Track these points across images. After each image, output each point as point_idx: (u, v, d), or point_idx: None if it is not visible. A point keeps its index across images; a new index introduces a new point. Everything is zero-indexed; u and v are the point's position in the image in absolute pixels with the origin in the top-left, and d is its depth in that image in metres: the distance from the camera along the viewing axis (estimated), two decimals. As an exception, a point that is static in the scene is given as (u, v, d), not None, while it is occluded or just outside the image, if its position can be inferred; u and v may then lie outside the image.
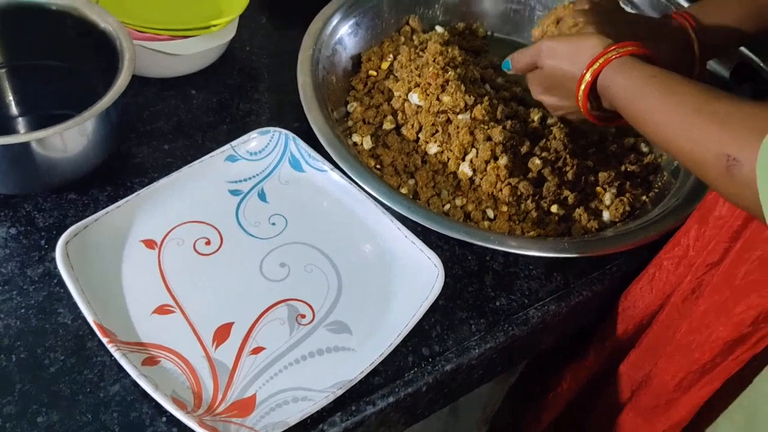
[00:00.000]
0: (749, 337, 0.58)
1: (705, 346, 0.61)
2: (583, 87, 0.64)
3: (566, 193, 0.76)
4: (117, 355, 0.56)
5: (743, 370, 0.60)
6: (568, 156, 0.77)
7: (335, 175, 0.71)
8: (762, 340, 0.58)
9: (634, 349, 0.71)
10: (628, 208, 0.76)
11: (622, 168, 0.81)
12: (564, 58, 0.65)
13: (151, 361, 0.58)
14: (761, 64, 0.87)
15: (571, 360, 0.79)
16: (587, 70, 0.63)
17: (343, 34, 0.84)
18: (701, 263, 0.63)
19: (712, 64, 0.86)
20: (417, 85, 0.78)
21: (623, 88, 0.60)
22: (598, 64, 0.62)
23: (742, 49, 0.87)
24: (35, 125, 0.73)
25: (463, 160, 0.75)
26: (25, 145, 0.60)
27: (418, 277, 0.65)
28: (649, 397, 0.68)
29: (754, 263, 0.57)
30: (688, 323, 0.63)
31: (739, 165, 0.48)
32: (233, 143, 0.72)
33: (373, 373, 0.60)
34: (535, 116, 0.80)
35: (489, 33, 0.95)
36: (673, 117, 0.54)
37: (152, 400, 0.55)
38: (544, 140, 0.79)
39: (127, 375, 0.56)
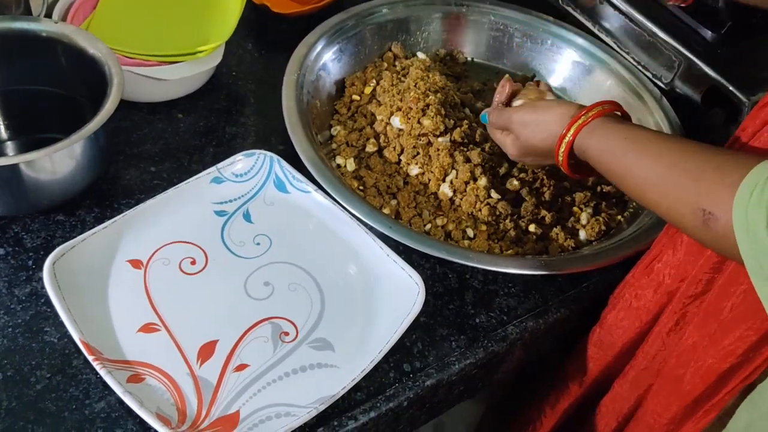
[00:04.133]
0: (741, 368, 0.59)
1: (696, 378, 0.62)
2: (562, 150, 0.65)
3: (543, 212, 0.78)
4: (102, 372, 0.57)
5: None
6: (545, 177, 0.80)
7: (319, 196, 0.73)
8: (756, 370, 0.59)
9: (617, 380, 0.72)
10: (603, 228, 0.78)
11: (598, 188, 0.83)
12: (536, 130, 0.68)
13: (136, 379, 0.59)
14: (731, 89, 0.90)
15: (551, 390, 0.80)
16: (567, 131, 0.64)
17: (326, 60, 0.87)
18: (683, 294, 0.64)
19: (684, 89, 0.89)
20: (399, 109, 0.80)
21: (599, 152, 0.62)
22: (576, 125, 0.64)
23: (713, 74, 0.90)
24: (24, 149, 0.75)
25: (444, 181, 0.77)
26: (14, 168, 0.61)
27: (400, 295, 0.66)
28: (642, 430, 0.69)
29: (740, 296, 0.58)
30: (677, 356, 0.64)
31: (715, 219, 0.50)
32: (219, 165, 0.74)
33: (356, 388, 0.61)
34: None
35: (469, 59, 0.98)
36: (649, 176, 0.56)
37: (137, 416, 0.56)
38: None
39: (113, 392, 0.57)
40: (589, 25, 0.97)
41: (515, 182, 0.78)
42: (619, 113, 0.66)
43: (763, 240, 0.45)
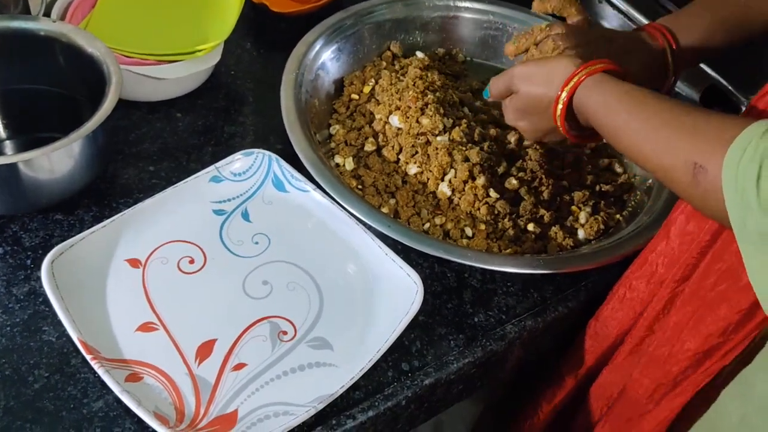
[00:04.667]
0: (718, 348, 0.60)
1: (677, 357, 0.62)
2: (560, 107, 0.65)
3: (542, 211, 0.78)
4: (100, 371, 0.57)
5: (707, 387, 0.61)
6: (543, 176, 0.80)
7: (317, 195, 0.73)
8: (731, 351, 0.60)
9: (606, 367, 0.73)
10: (602, 226, 0.78)
11: (597, 187, 0.83)
12: (538, 82, 0.67)
13: (134, 378, 0.59)
14: (730, 88, 0.90)
15: (547, 386, 0.80)
16: (562, 91, 0.64)
17: (325, 59, 0.87)
18: (671, 279, 0.65)
19: (683, 88, 0.89)
20: (397, 108, 0.80)
21: (597, 106, 0.62)
22: (572, 83, 0.64)
23: (712, 72, 0.90)
24: (23, 148, 0.75)
25: (442, 180, 0.77)
26: (13, 167, 0.61)
27: (398, 294, 0.66)
28: (623, 408, 0.69)
29: (723, 275, 0.58)
30: (660, 335, 0.65)
31: (705, 172, 0.50)
32: (217, 164, 0.74)
33: (354, 387, 0.61)
34: (512, 138, 0.83)
35: (468, 58, 0.98)
36: (644, 130, 0.57)
37: (135, 415, 0.56)
38: (521, 161, 0.81)
39: (111, 391, 0.57)
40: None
41: (514, 181, 0.78)
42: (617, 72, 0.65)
43: (751, 197, 0.45)
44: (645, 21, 0.90)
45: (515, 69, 0.70)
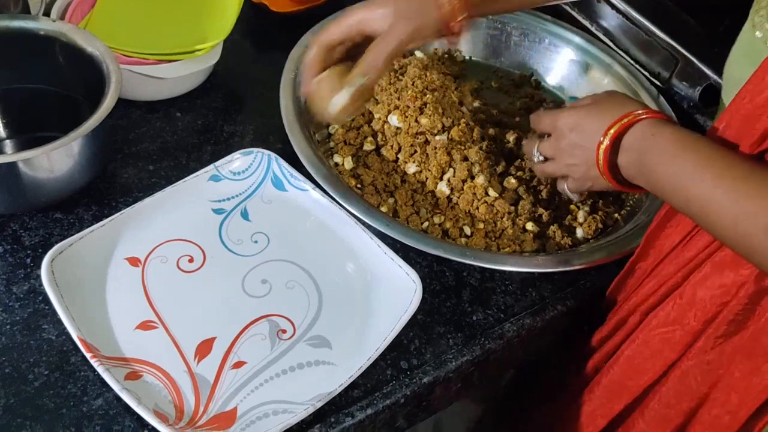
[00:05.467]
0: None
1: (728, 415, 0.60)
2: (602, 153, 0.60)
3: (541, 210, 0.78)
4: (100, 369, 0.57)
5: None
6: (542, 175, 0.80)
7: (317, 194, 0.73)
8: None
9: (638, 417, 0.69)
10: (600, 225, 0.79)
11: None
12: (582, 131, 0.63)
13: (133, 376, 0.59)
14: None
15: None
16: (604, 136, 0.60)
17: (324, 59, 0.87)
18: (712, 334, 0.61)
19: (682, 87, 0.89)
20: (396, 107, 0.81)
21: (661, 147, 0.57)
22: (631, 116, 0.59)
23: (710, 73, 0.90)
24: (22, 147, 0.75)
25: (441, 179, 0.78)
26: (12, 165, 0.62)
27: (397, 293, 0.67)
28: None
29: None
30: (709, 392, 0.62)
31: None
32: (217, 163, 0.74)
33: (353, 386, 0.61)
34: (511, 137, 0.83)
35: (467, 58, 0.98)
36: (717, 184, 0.52)
37: (134, 413, 0.56)
38: (520, 160, 0.81)
39: (110, 389, 0.57)
40: (586, 23, 0.97)
41: (513, 180, 0.78)
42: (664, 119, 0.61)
43: None
44: (644, 20, 0.91)
45: (561, 116, 0.66)
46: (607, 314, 0.74)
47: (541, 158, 0.68)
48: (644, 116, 0.59)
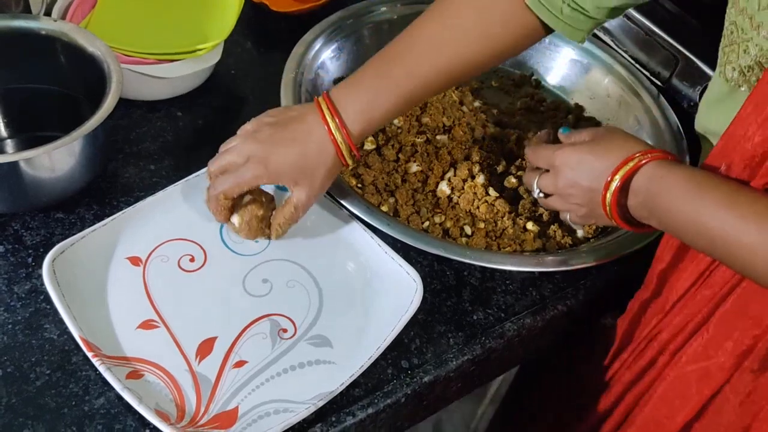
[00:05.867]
0: None
1: None
2: (609, 196, 0.59)
3: (541, 210, 0.78)
4: (102, 369, 0.57)
5: None
6: (543, 175, 0.80)
7: (317, 194, 0.73)
8: None
9: None
10: (601, 226, 0.79)
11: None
12: (584, 170, 0.62)
13: (135, 375, 0.59)
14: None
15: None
16: (621, 167, 0.59)
17: (325, 58, 0.87)
18: (748, 368, 0.61)
19: (682, 87, 0.89)
20: (397, 106, 0.80)
21: (671, 188, 0.56)
22: (636, 160, 0.58)
23: (711, 73, 0.90)
24: (23, 147, 0.75)
25: (442, 178, 0.78)
26: (14, 165, 0.62)
27: (398, 292, 0.67)
28: None
29: None
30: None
31: None
32: (218, 163, 0.74)
33: (354, 385, 0.61)
34: (511, 137, 0.83)
35: (468, 57, 0.98)
36: (741, 222, 0.52)
37: (136, 412, 0.56)
38: (520, 160, 0.81)
39: (112, 388, 0.57)
40: (587, 23, 0.97)
41: (513, 180, 0.78)
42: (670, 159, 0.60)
43: None
44: (645, 20, 0.91)
45: (561, 153, 0.64)
46: (619, 344, 0.74)
47: (542, 194, 0.67)
48: (651, 158, 0.58)
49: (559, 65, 0.95)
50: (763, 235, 0.51)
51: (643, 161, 0.58)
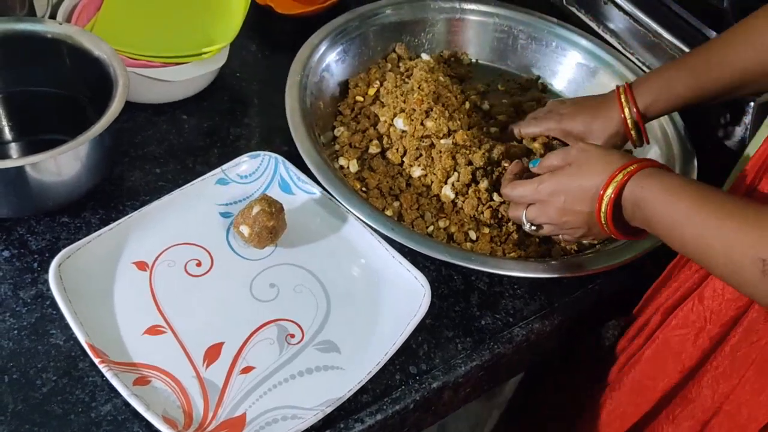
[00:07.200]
0: None
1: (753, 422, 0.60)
2: (604, 211, 0.61)
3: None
4: (108, 375, 0.57)
5: None
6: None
7: (324, 198, 0.73)
8: None
9: (666, 424, 0.69)
10: (608, 230, 0.78)
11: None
12: (574, 196, 0.64)
13: (142, 381, 0.59)
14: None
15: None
16: (609, 183, 0.60)
17: (330, 61, 0.87)
18: (736, 343, 0.62)
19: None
20: (402, 110, 0.80)
21: (654, 196, 0.58)
22: (621, 176, 0.60)
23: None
24: (29, 150, 0.74)
25: (446, 183, 0.77)
26: (20, 170, 0.61)
27: (405, 297, 0.66)
28: None
29: None
30: (731, 403, 0.62)
31: None
32: (224, 167, 0.73)
33: (362, 391, 0.61)
34: (516, 141, 0.83)
35: (474, 60, 0.98)
36: (707, 223, 0.54)
37: (143, 419, 0.56)
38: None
39: (119, 395, 0.57)
40: (593, 26, 0.97)
41: (520, 184, 0.78)
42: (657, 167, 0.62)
43: None
44: (650, 22, 0.90)
45: (543, 185, 0.66)
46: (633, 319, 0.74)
47: (533, 227, 0.68)
48: (633, 171, 0.60)
49: (566, 69, 0.95)
50: (720, 234, 0.53)
51: (626, 176, 0.60)
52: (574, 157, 0.65)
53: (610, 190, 0.60)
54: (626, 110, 0.75)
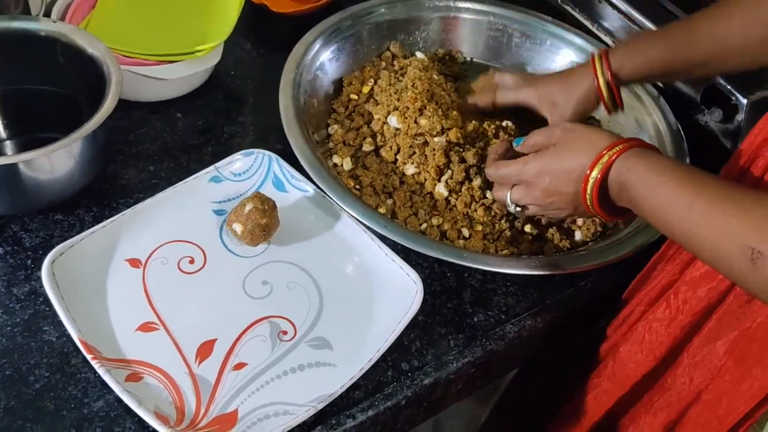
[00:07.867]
0: None
1: (730, 411, 0.60)
2: (590, 192, 0.61)
3: (540, 212, 0.78)
4: (101, 371, 0.57)
5: None
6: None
7: (318, 196, 0.73)
8: None
9: (643, 412, 0.70)
10: (599, 228, 0.79)
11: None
12: (559, 176, 0.63)
13: (134, 378, 0.59)
14: (730, 88, 0.90)
15: (561, 427, 0.79)
16: (595, 164, 0.60)
17: (324, 60, 0.87)
18: (707, 333, 0.62)
19: (682, 87, 0.89)
20: (396, 108, 0.81)
21: (640, 177, 0.57)
22: (606, 157, 0.59)
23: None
24: (22, 148, 0.75)
25: (439, 180, 0.78)
26: (13, 167, 0.61)
27: (398, 294, 0.67)
28: None
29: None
30: (709, 391, 0.63)
31: (764, 258, 0.46)
32: (217, 164, 0.74)
33: (354, 387, 0.61)
34: (509, 138, 0.83)
35: (468, 59, 0.98)
36: (694, 207, 0.52)
37: (135, 415, 0.56)
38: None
39: (111, 391, 0.57)
40: (588, 24, 0.97)
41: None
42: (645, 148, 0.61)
43: None
44: (645, 21, 0.91)
45: (527, 166, 0.65)
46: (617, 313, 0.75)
47: (518, 208, 0.68)
48: (619, 151, 0.59)
49: (559, 67, 0.95)
50: (706, 220, 0.51)
51: (613, 157, 0.59)
52: (559, 136, 0.64)
53: (596, 171, 0.59)
54: (599, 71, 0.73)
